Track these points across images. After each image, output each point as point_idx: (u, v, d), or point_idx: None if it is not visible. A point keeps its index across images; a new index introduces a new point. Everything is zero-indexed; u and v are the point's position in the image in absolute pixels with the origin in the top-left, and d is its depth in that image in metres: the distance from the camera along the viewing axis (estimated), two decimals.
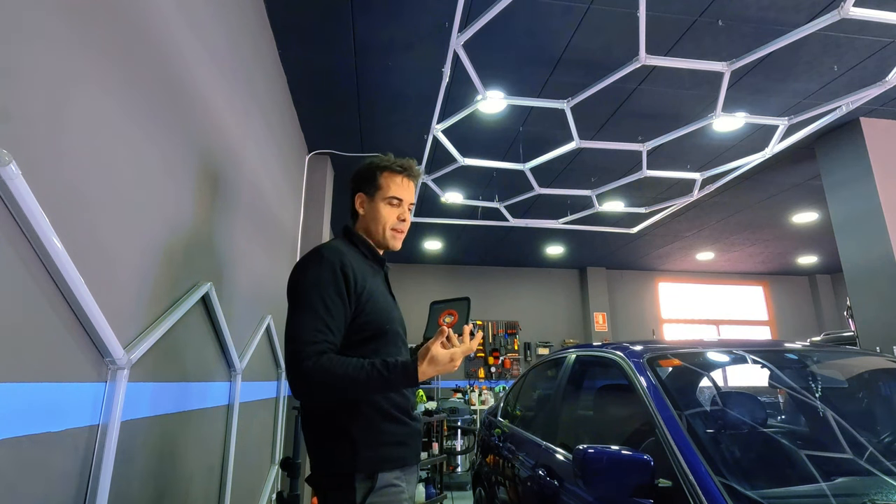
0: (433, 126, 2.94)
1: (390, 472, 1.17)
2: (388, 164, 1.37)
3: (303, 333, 1.11)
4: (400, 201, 1.37)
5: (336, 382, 1.07)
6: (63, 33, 0.97)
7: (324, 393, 1.11)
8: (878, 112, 3.85)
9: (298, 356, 1.08)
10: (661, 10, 2.75)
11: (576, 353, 2.31)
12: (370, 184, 1.36)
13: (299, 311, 1.16)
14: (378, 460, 1.16)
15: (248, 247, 2.41)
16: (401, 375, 1.09)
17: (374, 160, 1.38)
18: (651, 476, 1.26)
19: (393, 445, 1.20)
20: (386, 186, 1.35)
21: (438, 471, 4.41)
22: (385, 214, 1.35)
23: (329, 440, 1.17)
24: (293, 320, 1.15)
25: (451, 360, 1.12)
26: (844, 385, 1.92)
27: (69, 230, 0.99)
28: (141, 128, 1.30)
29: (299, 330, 1.12)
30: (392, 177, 1.36)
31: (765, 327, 9.37)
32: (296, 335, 1.12)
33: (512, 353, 8.49)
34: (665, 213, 4.55)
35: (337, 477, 1.15)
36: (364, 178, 1.38)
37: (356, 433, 1.16)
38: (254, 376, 2.57)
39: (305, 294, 1.17)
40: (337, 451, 1.16)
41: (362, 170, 1.39)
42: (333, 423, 1.18)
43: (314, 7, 2.76)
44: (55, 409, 0.96)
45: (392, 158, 1.38)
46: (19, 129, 0.86)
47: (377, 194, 1.36)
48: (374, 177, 1.36)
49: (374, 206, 1.36)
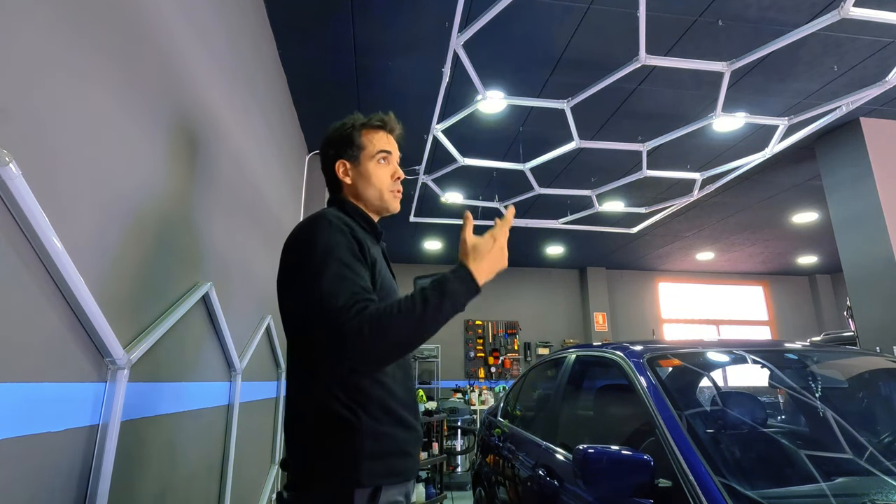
0: (433, 126, 2.94)
1: (395, 486, 1.01)
2: (364, 120, 1.23)
3: (337, 300, 0.91)
4: (389, 154, 1.22)
5: (401, 330, 0.89)
6: (63, 34, 0.97)
7: (389, 349, 0.91)
8: (878, 112, 3.85)
9: (341, 321, 0.89)
10: (661, 10, 2.75)
11: (576, 353, 2.31)
12: (350, 146, 1.20)
13: (320, 277, 0.95)
14: (383, 473, 0.99)
15: (248, 247, 2.41)
16: (459, 285, 0.94)
17: (345, 121, 1.23)
18: (651, 476, 1.26)
19: (400, 456, 1.03)
20: (370, 143, 1.21)
21: (438, 471, 4.41)
22: (378, 175, 1.20)
23: (324, 446, 0.99)
24: (317, 287, 0.94)
25: (495, 242, 1.00)
26: (844, 385, 1.92)
27: (69, 230, 0.99)
28: (140, 127, 1.30)
29: (331, 299, 0.91)
30: (373, 133, 1.22)
31: (765, 327, 9.37)
32: (329, 305, 0.91)
33: (512, 353, 8.49)
34: (665, 213, 4.55)
35: (330, 492, 0.97)
36: (341, 141, 1.21)
37: (360, 439, 0.97)
38: (254, 376, 2.57)
39: (324, 257, 0.97)
40: (334, 460, 0.97)
41: (336, 134, 1.22)
42: (332, 426, 0.99)
43: (314, 7, 2.76)
44: (55, 409, 0.96)
45: (363, 117, 1.23)
46: (19, 130, 0.86)
47: (362, 155, 1.20)
48: (352, 138, 1.21)
49: (362, 170, 1.20)
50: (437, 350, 8.18)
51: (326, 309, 0.91)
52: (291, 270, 1.05)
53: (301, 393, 1.05)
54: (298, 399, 1.05)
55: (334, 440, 0.98)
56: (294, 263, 1.04)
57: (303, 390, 1.05)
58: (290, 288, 1.05)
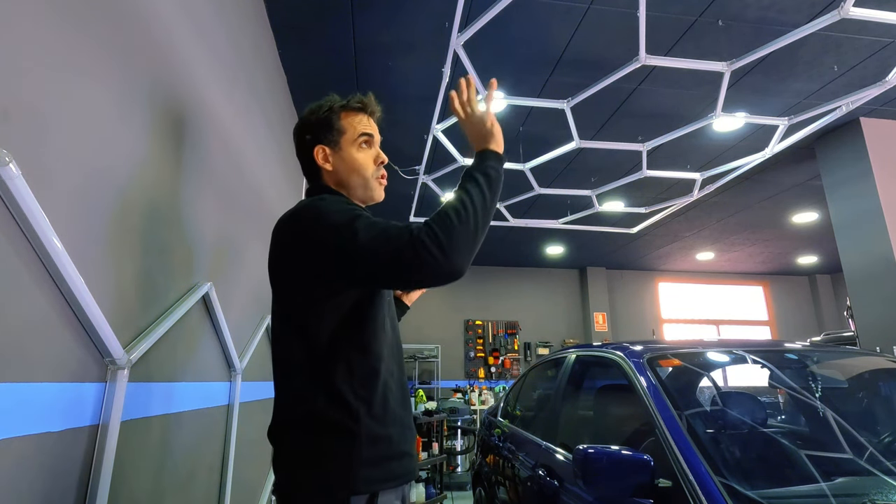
0: (433, 126, 2.94)
1: (392, 490, 0.97)
2: (343, 102, 1.15)
3: (388, 232, 0.88)
4: (371, 137, 1.15)
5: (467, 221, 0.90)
6: (64, 34, 0.97)
7: (467, 243, 0.89)
8: (878, 112, 3.85)
9: (407, 230, 0.87)
10: (661, 10, 2.75)
11: (576, 353, 2.31)
12: (330, 130, 1.12)
13: (352, 227, 0.90)
14: (381, 478, 0.94)
15: (248, 247, 2.41)
16: (496, 162, 1.02)
17: (321, 103, 1.15)
18: (651, 476, 1.26)
19: (398, 457, 0.99)
20: (351, 127, 1.13)
21: (438, 471, 4.41)
22: (362, 160, 1.13)
23: (317, 451, 0.93)
24: (354, 233, 0.89)
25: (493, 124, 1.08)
26: (844, 385, 1.92)
27: (69, 230, 0.99)
28: (140, 127, 1.30)
29: (381, 234, 0.88)
30: (353, 115, 1.15)
31: (765, 327, 9.37)
32: (384, 234, 0.88)
33: (512, 353, 8.49)
34: (665, 213, 4.55)
35: (323, 500, 0.92)
36: (320, 125, 1.13)
37: (358, 444, 0.93)
38: (254, 376, 2.57)
39: (343, 215, 0.93)
40: (328, 467, 0.92)
41: (313, 117, 1.14)
42: (326, 430, 0.94)
43: (314, 7, 2.76)
44: (55, 409, 0.96)
45: (340, 98, 1.16)
46: (19, 130, 0.86)
47: (342, 140, 1.13)
48: (330, 121, 1.13)
49: (344, 155, 1.12)
50: (437, 350, 8.18)
51: (387, 237, 0.87)
52: (304, 247, 0.95)
53: (292, 393, 1.00)
54: (289, 399, 1.00)
55: (328, 446, 0.93)
56: (307, 239, 0.95)
57: (294, 389, 0.99)
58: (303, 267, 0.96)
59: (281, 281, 1.03)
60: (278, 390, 1.03)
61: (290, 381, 1.01)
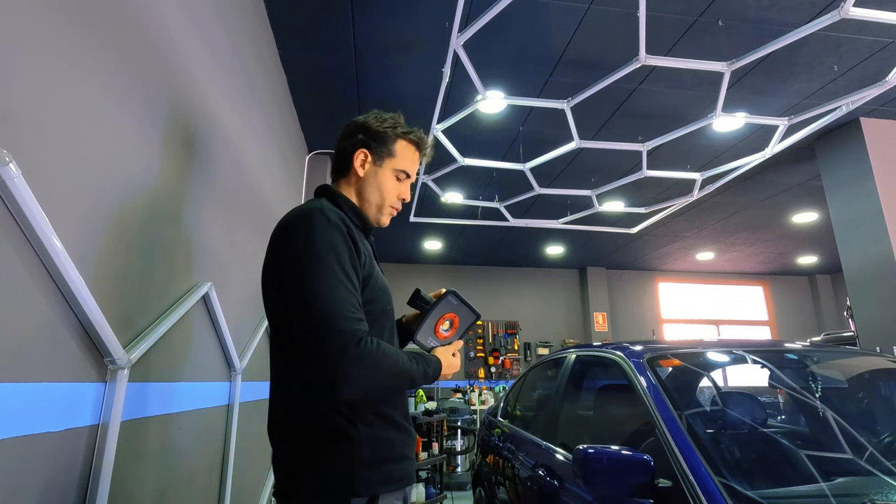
0: (433, 126, 2.94)
1: (393, 493, 0.98)
2: (406, 132, 1.19)
3: (337, 308, 0.90)
4: (407, 177, 1.19)
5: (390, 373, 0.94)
6: (65, 35, 0.97)
7: (374, 384, 0.93)
8: (878, 112, 3.85)
9: (343, 338, 0.88)
10: (660, 10, 2.75)
11: (576, 353, 2.31)
12: (383, 146, 1.16)
13: (319, 279, 0.92)
14: (381, 481, 0.95)
15: (248, 247, 2.41)
16: (434, 371, 1.06)
17: (388, 117, 1.18)
18: (651, 476, 1.26)
19: (397, 460, 1.00)
20: (401, 156, 1.17)
21: (438, 471, 4.41)
22: (389, 187, 1.16)
23: (317, 454, 0.94)
24: (314, 290, 0.91)
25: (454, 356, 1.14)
26: (844, 385, 1.92)
27: (69, 230, 0.99)
28: (141, 127, 1.30)
29: (332, 304, 0.90)
30: (408, 147, 1.19)
31: (765, 327, 9.37)
32: (329, 311, 0.89)
33: (512, 353, 8.48)
34: (665, 213, 4.55)
35: (323, 499, 0.93)
36: (377, 136, 1.16)
37: (357, 447, 0.94)
38: (254, 376, 2.57)
39: (322, 259, 0.93)
40: (327, 470, 0.93)
41: (376, 124, 1.17)
42: (325, 433, 0.95)
43: (314, 7, 2.76)
44: (55, 409, 0.96)
45: (406, 125, 1.20)
46: (19, 130, 0.86)
47: (388, 161, 1.16)
48: (389, 140, 1.16)
49: (379, 173, 1.16)
50: None
51: (326, 317, 0.89)
52: (282, 266, 0.98)
53: (288, 396, 1.00)
54: (285, 402, 1.01)
55: (328, 448, 0.94)
56: (286, 258, 0.98)
57: (290, 393, 1.00)
58: (280, 286, 0.98)
59: (266, 282, 1.06)
60: (277, 390, 1.04)
61: (289, 382, 1.01)
